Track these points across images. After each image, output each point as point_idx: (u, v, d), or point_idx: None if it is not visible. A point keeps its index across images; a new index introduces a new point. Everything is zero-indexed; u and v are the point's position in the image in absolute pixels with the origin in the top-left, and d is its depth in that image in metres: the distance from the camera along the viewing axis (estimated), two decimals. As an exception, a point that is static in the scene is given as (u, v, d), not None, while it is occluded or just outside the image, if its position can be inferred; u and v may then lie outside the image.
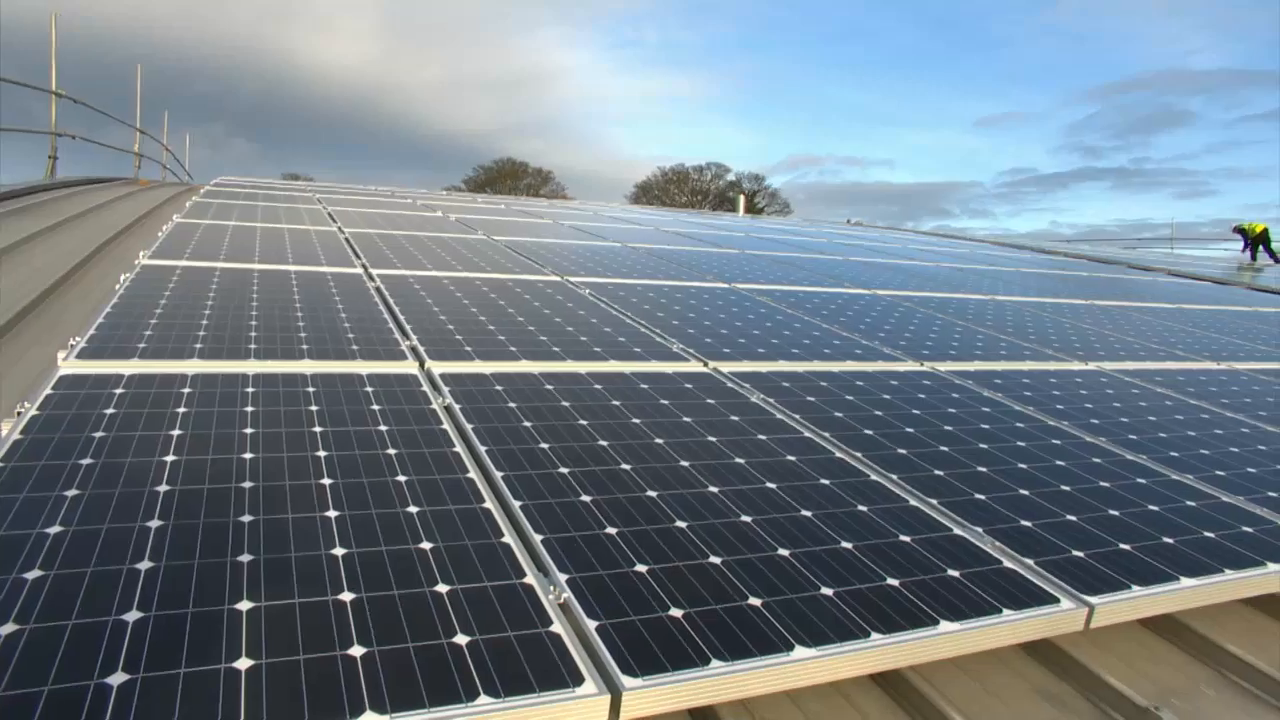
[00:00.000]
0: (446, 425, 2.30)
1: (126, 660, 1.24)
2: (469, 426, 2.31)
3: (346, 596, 1.45)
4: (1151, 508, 2.32)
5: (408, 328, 3.25)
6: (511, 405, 2.51)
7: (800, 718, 1.59)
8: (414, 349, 2.98)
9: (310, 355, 2.77)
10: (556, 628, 1.45)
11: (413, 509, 1.80)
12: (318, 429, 2.17)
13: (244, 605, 1.39)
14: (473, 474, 2.01)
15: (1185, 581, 1.92)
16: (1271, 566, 2.06)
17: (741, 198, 19.95)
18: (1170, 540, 2.12)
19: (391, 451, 2.09)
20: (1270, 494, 2.55)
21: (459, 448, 2.16)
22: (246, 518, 1.68)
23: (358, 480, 1.91)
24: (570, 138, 77.32)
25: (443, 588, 1.52)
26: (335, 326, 3.17)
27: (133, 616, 1.34)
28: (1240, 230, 20.30)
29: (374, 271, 4.33)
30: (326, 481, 1.88)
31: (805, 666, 1.46)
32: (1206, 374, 4.22)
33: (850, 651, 1.50)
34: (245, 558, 1.53)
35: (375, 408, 2.37)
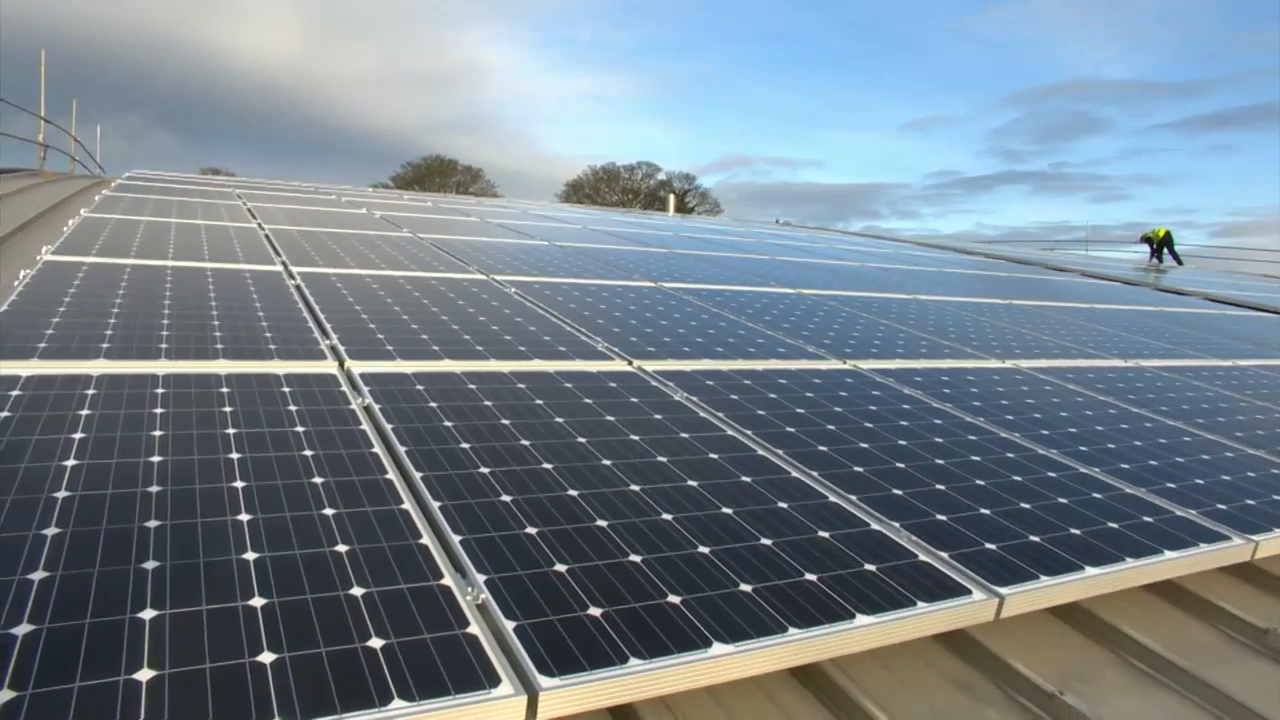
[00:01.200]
0: (366, 426, 2.26)
1: (14, 678, 1.18)
2: (389, 427, 2.27)
3: (257, 602, 1.42)
4: (1060, 500, 2.39)
5: (328, 326, 3.18)
6: (433, 405, 2.48)
7: (720, 714, 1.60)
8: (334, 348, 2.92)
9: (225, 355, 2.70)
10: (474, 629, 1.43)
11: (329, 511, 1.76)
12: (231, 431, 2.12)
13: (147, 614, 1.34)
14: (391, 475, 1.98)
15: (1090, 570, 1.99)
16: (1169, 554, 2.14)
17: (672, 197, 20.05)
18: (1077, 531, 2.19)
19: (308, 453, 2.04)
20: (1169, 485, 2.65)
21: (378, 448, 2.12)
22: (153, 523, 1.63)
23: (272, 482, 1.86)
24: (501, 135, 76.71)
25: (358, 590, 1.49)
26: (252, 325, 3.09)
27: (23, 630, 1.28)
28: (1146, 239, 21.16)
29: (294, 269, 4.23)
30: (239, 484, 1.83)
31: (723, 663, 1.47)
32: (1115, 371, 4.38)
33: (768, 647, 1.51)
34: (150, 564, 1.48)
35: (292, 408, 2.32)
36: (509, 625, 1.46)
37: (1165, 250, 20.88)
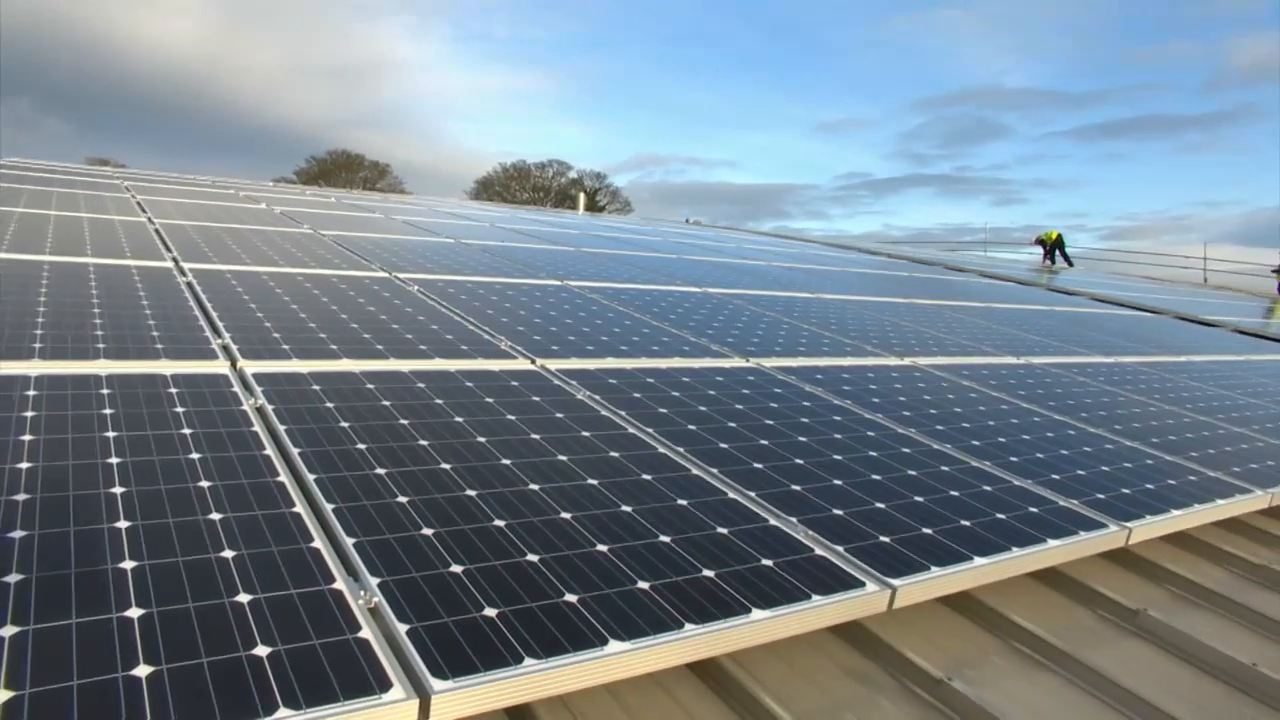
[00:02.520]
0: (258, 427, 2.19)
1: None
2: (282, 428, 2.21)
3: (134, 613, 1.36)
4: (952, 493, 2.47)
5: (220, 325, 3.07)
6: (329, 405, 2.42)
7: (619, 711, 1.60)
8: (226, 347, 2.82)
9: (107, 355, 2.58)
10: (365, 633, 1.40)
11: (215, 516, 1.70)
12: (111, 434, 2.02)
13: (8, 631, 1.27)
14: (283, 477, 1.92)
15: (978, 560, 2.06)
16: (1052, 542, 2.24)
17: (582, 195, 20.04)
18: (967, 523, 2.27)
19: (195, 456, 1.97)
20: (1054, 477, 2.77)
21: (270, 450, 2.06)
22: (18, 533, 1.54)
23: (154, 488, 1.79)
24: (412, 131, 75.23)
25: (244, 598, 1.44)
26: (138, 324, 2.96)
27: (-127, 646, 1.20)
28: (1040, 241, 22.09)
29: (186, 266, 4.07)
30: (118, 490, 1.75)
31: (619, 660, 1.47)
32: (1007, 368, 4.55)
33: (664, 643, 1.52)
34: (14, 578, 1.41)
35: (179, 410, 2.23)
36: (402, 628, 1.44)
37: (1057, 252, 21.84)
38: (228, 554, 1.57)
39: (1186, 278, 21.47)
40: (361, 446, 2.17)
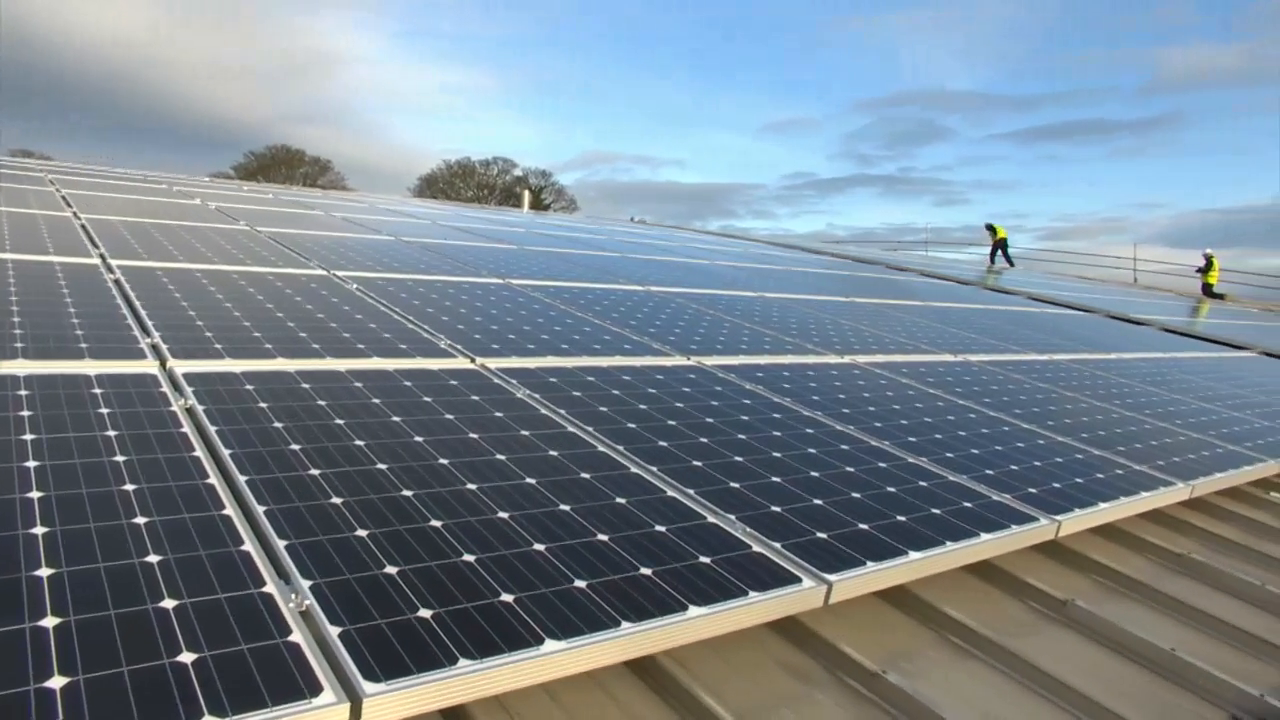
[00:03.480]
0: (187, 428, 2.14)
1: None
2: (212, 429, 2.15)
3: (49, 622, 1.31)
4: (889, 489, 2.51)
5: (149, 324, 2.99)
6: (262, 405, 2.37)
7: (556, 710, 1.60)
8: (155, 347, 2.75)
9: (27, 355, 2.50)
10: (296, 637, 1.38)
11: (140, 520, 1.66)
12: (29, 436, 1.96)
13: (-83, 638, 1.23)
14: (213, 479, 1.88)
15: (913, 555, 2.09)
16: (984, 536, 2.28)
17: (527, 193, 19.92)
18: (903, 518, 2.31)
19: (119, 459, 1.91)
20: (988, 472, 2.83)
21: (199, 452, 2.01)
22: (-70, 538, 1.48)
23: (75, 492, 1.73)
24: (355, 127, 73.86)
25: (169, 603, 1.41)
26: (61, 323, 2.87)
27: None
28: (990, 227, 22.51)
29: (114, 263, 3.96)
30: (35, 495, 1.70)
31: (555, 659, 1.47)
32: (944, 365, 4.63)
33: (601, 641, 1.52)
34: (-76, 583, 1.35)
35: (103, 411, 2.17)
36: (334, 631, 1.41)
37: (999, 252, 22.33)
38: (152, 559, 1.53)
39: (1118, 278, 22.10)
40: (295, 447, 2.13)
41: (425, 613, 1.51)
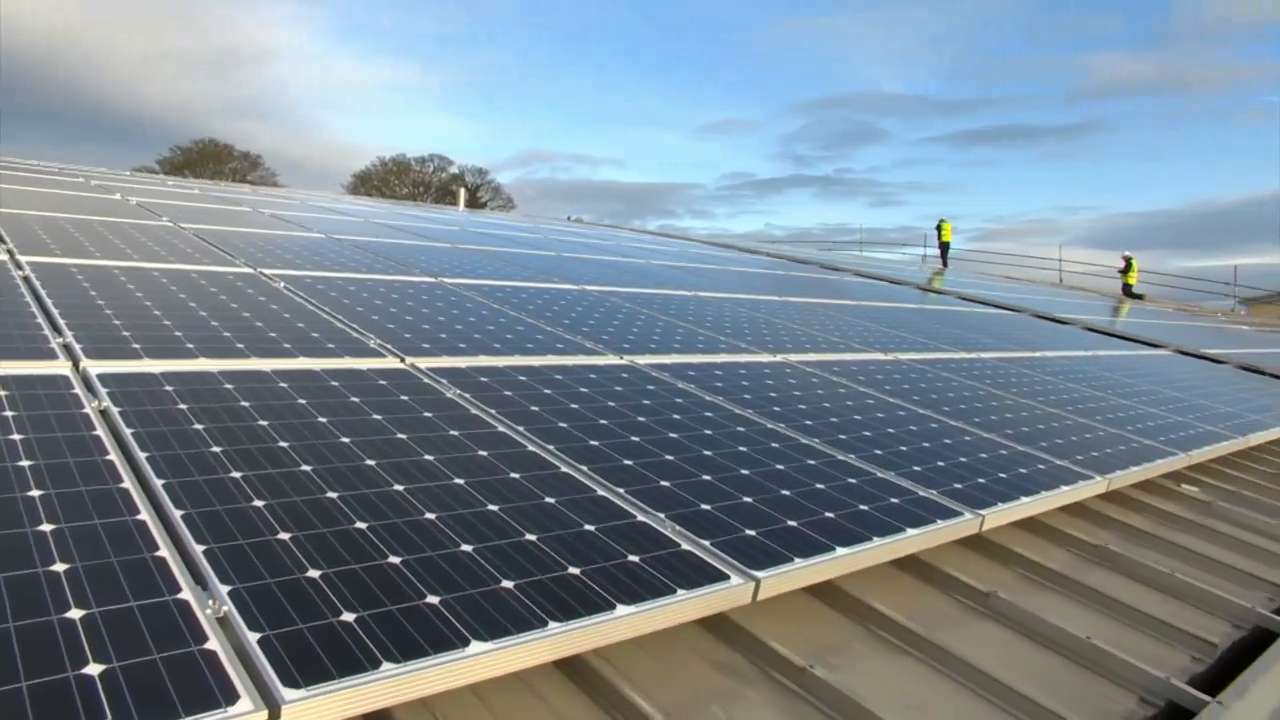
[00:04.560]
0: (100, 431, 2.07)
1: None
2: (127, 431, 2.09)
3: (-53, 632, 1.26)
4: (818, 486, 2.54)
5: (61, 323, 2.89)
6: (182, 407, 2.31)
7: (483, 711, 1.58)
8: (67, 346, 2.65)
9: (-70, 355, 2.39)
10: (212, 644, 1.34)
11: (46, 527, 1.60)
12: (-70, 440, 1.87)
13: None
14: (127, 484, 1.82)
15: (840, 551, 2.12)
16: (910, 531, 2.33)
17: (463, 191, 19.72)
18: (831, 514, 2.33)
19: (25, 463, 1.84)
20: (915, 468, 2.88)
21: (113, 455, 1.94)
22: None
23: (-21, 497, 1.66)
24: (288, 122, 72.15)
25: (76, 613, 1.36)
26: (-32, 322, 2.75)
27: None
28: (940, 226, 22.99)
29: (23, 259, 3.81)
30: (-64, 500, 1.62)
31: (481, 660, 1.45)
32: (875, 364, 4.71)
33: (528, 641, 1.51)
34: None
35: (8, 414, 2.08)
36: (253, 637, 1.38)
37: (940, 252, 22.86)
38: (59, 567, 1.47)
39: (1045, 278, 22.76)
40: (216, 449, 2.07)
41: (348, 616, 1.48)
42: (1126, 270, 22.14)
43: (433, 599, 1.58)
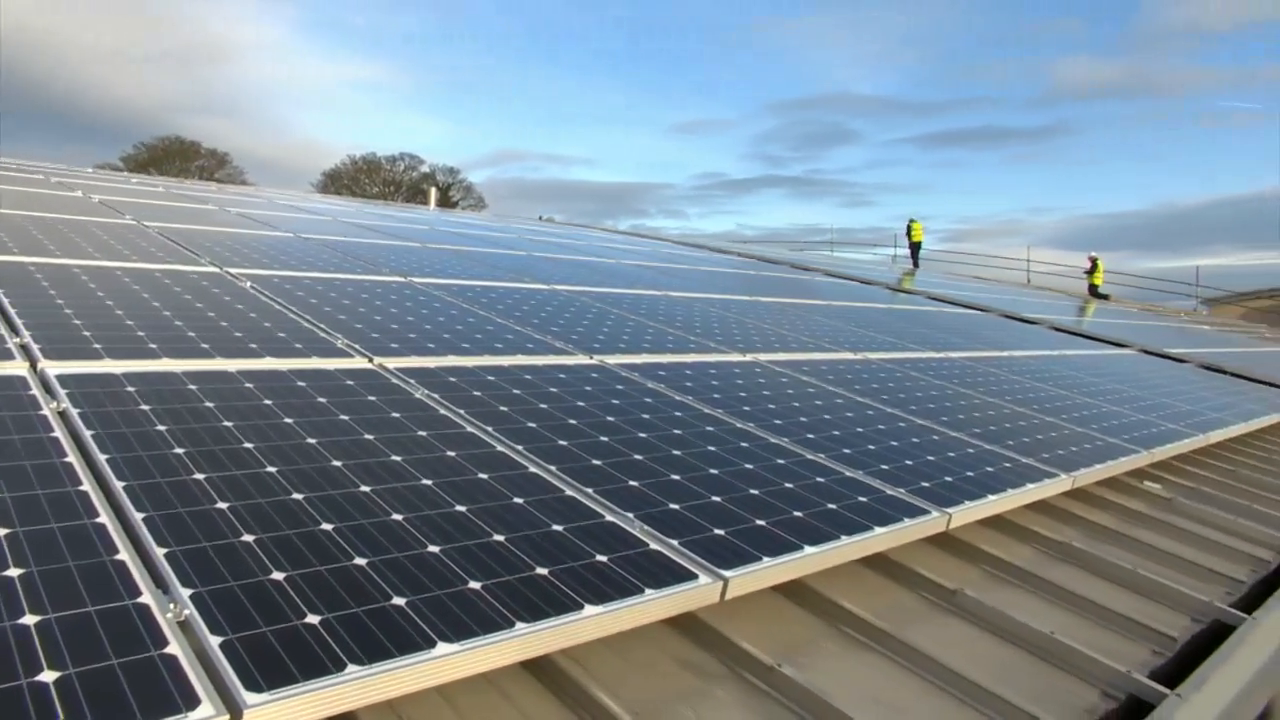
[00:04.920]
0: (59, 433, 2.03)
1: None
2: (87, 433, 2.05)
3: (-102, 639, 1.23)
4: (787, 485, 2.55)
5: (19, 323, 2.83)
6: (144, 408, 2.27)
7: (450, 713, 1.57)
8: (24, 347, 2.61)
9: (-117, 356, 2.34)
10: (173, 648, 1.32)
11: (0, 532, 1.57)
12: (-118, 442, 1.83)
13: None
14: (86, 486, 1.79)
15: (809, 550, 2.13)
16: (878, 530, 2.34)
17: (434, 190, 19.61)
18: (799, 513, 2.34)
19: (-18, 465, 1.80)
20: (883, 467, 2.90)
21: (72, 458, 1.91)
22: None
23: (-68, 500, 1.63)
24: (257, 120, 71.15)
25: (30, 619, 1.33)
26: (-77, 322, 2.70)
27: None
28: (910, 226, 23.16)
29: (-16, 258, 3.74)
30: (-113, 504, 1.59)
31: (448, 662, 1.44)
32: (844, 363, 4.73)
33: (494, 642, 1.50)
34: None
35: (-34, 415, 2.04)
36: (215, 641, 1.36)
37: (910, 252, 23.05)
38: (13, 572, 1.44)
39: (1013, 278, 23.03)
40: (179, 451, 2.04)
41: (313, 619, 1.47)
42: (1092, 271, 22.46)
43: (399, 600, 1.56)
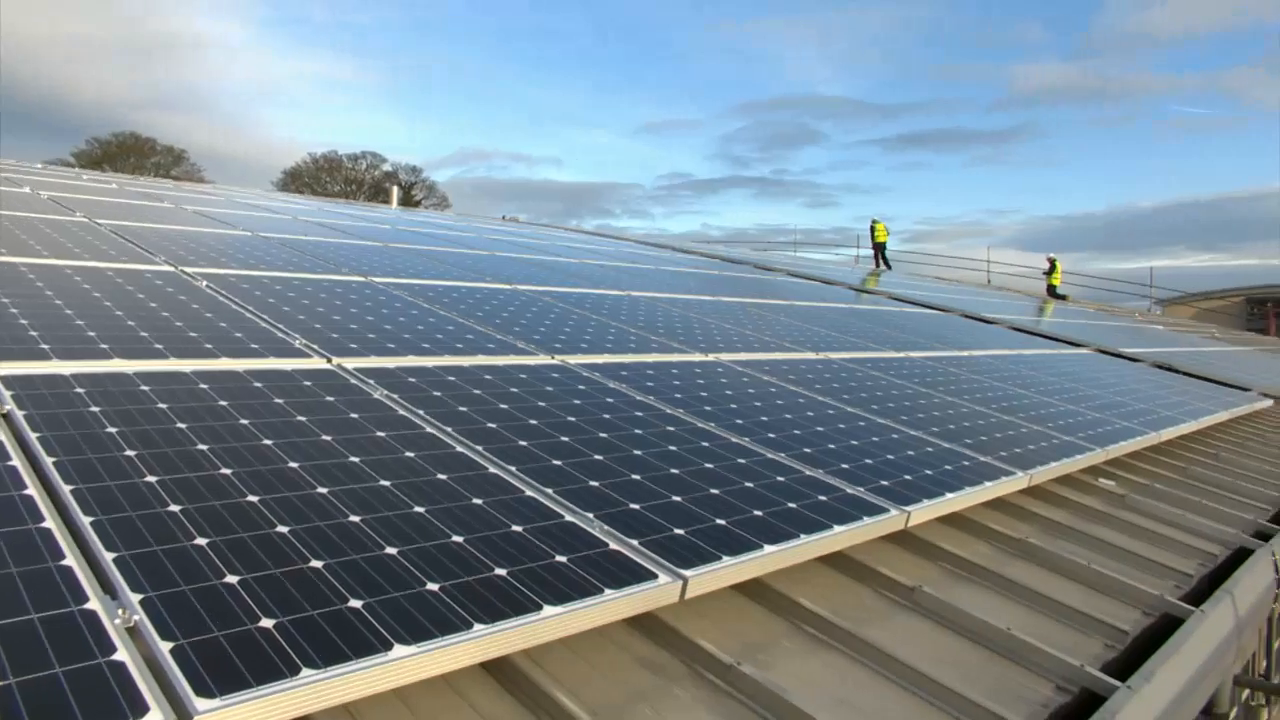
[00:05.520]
0: (2, 436, 1.98)
1: None
2: (33, 436, 2.00)
3: None
4: (748, 484, 2.56)
5: (-34, 323, 2.76)
6: (94, 410, 2.23)
7: (408, 715, 1.56)
8: (-29, 347, 2.54)
9: None
10: (121, 655, 1.30)
11: (-56, 535, 1.53)
12: None
13: None
14: (31, 490, 1.75)
15: (768, 548, 2.14)
16: (838, 528, 2.36)
17: (396, 189, 19.43)
18: (759, 513, 2.35)
19: (-77, 469, 1.75)
20: (843, 466, 2.92)
21: (16, 461, 1.87)
22: None
23: None
24: (216, 116, 69.94)
25: (-27, 625, 1.30)
26: None
27: None
28: (873, 227, 23.33)
29: (-72, 257, 3.64)
30: None
31: (404, 665, 1.43)
32: (806, 363, 4.76)
33: (452, 644, 1.49)
34: None
35: (-93, 417, 1.99)
36: (165, 647, 1.34)
37: (879, 254, 23.22)
38: (-43, 576, 1.41)
39: (974, 279, 23.34)
40: (130, 453, 2.00)
41: (267, 623, 1.44)
42: (1051, 272, 22.83)
43: (355, 603, 1.55)
